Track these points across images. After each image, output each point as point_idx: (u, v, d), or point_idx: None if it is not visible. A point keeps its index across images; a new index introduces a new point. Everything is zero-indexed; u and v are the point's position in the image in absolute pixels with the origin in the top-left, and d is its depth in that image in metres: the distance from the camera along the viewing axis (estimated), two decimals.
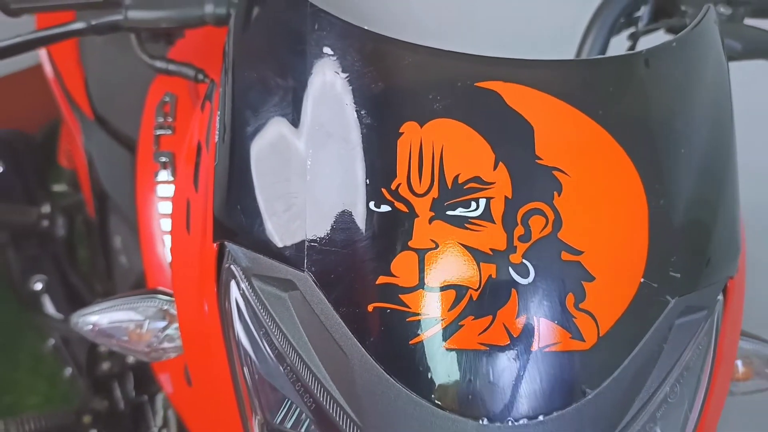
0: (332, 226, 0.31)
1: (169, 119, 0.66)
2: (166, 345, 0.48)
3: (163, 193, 0.62)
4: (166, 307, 0.47)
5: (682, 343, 0.33)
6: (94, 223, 1.34)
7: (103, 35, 0.54)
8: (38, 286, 1.29)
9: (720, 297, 0.35)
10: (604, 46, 0.55)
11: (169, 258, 0.60)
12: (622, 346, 0.30)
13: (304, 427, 0.32)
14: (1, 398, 1.46)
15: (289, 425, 0.33)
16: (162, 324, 0.47)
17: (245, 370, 0.34)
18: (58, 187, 1.52)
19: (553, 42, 0.61)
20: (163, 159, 0.63)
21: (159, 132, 0.65)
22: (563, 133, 0.31)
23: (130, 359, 1.00)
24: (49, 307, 1.29)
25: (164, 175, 0.63)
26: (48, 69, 1.22)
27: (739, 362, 0.48)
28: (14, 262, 1.33)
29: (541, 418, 0.28)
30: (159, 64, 0.56)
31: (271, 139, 0.33)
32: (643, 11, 0.55)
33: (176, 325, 0.47)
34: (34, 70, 1.99)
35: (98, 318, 0.47)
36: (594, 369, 0.29)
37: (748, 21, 0.58)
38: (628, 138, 0.31)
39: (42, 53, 1.24)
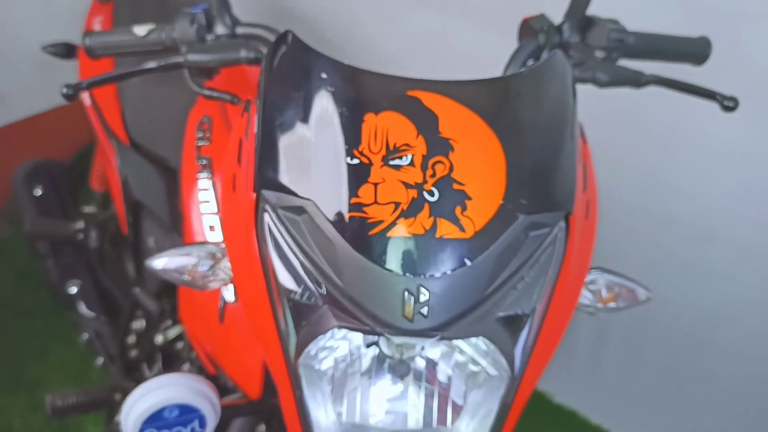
0: (326, 172, 0.53)
1: (207, 134, 0.89)
2: (212, 278, 0.69)
3: (203, 186, 0.84)
4: (213, 251, 0.68)
5: (534, 246, 0.54)
6: (120, 237, 1.54)
7: (167, 72, 0.76)
8: (73, 290, 1.49)
9: (562, 224, 0.57)
10: None
11: (205, 228, 0.82)
12: (489, 238, 0.51)
13: (313, 295, 0.54)
14: (33, 394, 1.64)
15: (303, 297, 0.54)
16: (210, 263, 0.68)
17: (276, 268, 0.56)
18: (89, 209, 1.73)
19: None
20: (204, 162, 0.86)
21: (200, 143, 0.88)
22: (456, 120, 0.53)
23: (158, 341, 1.19)
24: (82, 307, 1.48)
25: (204, 174, 0.85)
26: (87, 102, 1.44)
27: (604, 288, 0.70)
28: (53, 269, 1.53)
29: (438, 274, 0.50)
30: (206, 92, 0.79)
31: (291, 126, 0.56)
32: (544, 54, 0.79)
33: (220, 264, 0.69)
34: (63, 109, 2.25)
35: (166, 261, 0.68)
36: (472, 249, 0.51)
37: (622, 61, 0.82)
38: (495, 123, 0.54)
39: None
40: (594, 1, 0.76)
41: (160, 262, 0.68)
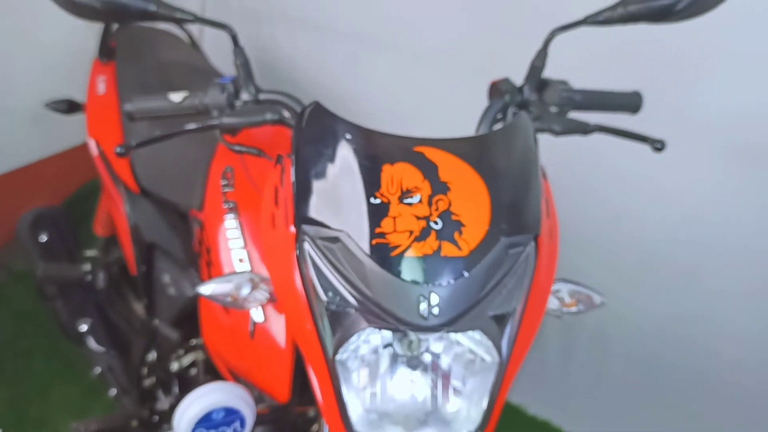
0: (355, 210, 0.69)
1: (231, 181, 1.05)
2: (251, 299, 0.84)
3: (230, 225, 1.00)
4: (252, 278, 0.83)
5: (513, 261, 0.71)
6: (127, 277, 1.66)
7: (204, 132, 0.91)
8: (83, 328, 1.60)
9: (532, 243, 0.74)
10: (490, 129, 0.96)
11: (234, 260, 0.97)
12: (480, 255, 0.67)
13: (348, 304, 0.69)
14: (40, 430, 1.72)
15: (339, 307, 0.69)
16: (250, 288, 0.83)
17: (316, 285, 0.71)
18: (91, 253, 1.84)
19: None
20: (231, 205, 1.01)
21: (225, 189, 1.04)
22: (451, 168, 0.71)
23: (174, 368, 1.31)
24: (93, 343, 1.59)
25: (231, 215, 1.00)
26: (94, 152, 1.57)
27: (567, 295, 0.87)
28: (63, 310, 1.64)
29: (444, 283, 0.66)
30: (236, 147, 0.95)
31: (323, 175, 0.72)
32: (510, 110, 0.97)
33: (258, 289, 0.84)
34: (54, 158, 2.37)
35: (213, 287, 0.83)
36: (468, 264, 0.67)
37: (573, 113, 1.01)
38: (480, 169, 0.71)
39: (91, 142, 1.60)
40: (548, 66, 0.96)
41: (208, 289, 0.82)
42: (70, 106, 1.75)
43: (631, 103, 0.99)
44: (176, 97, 0.93)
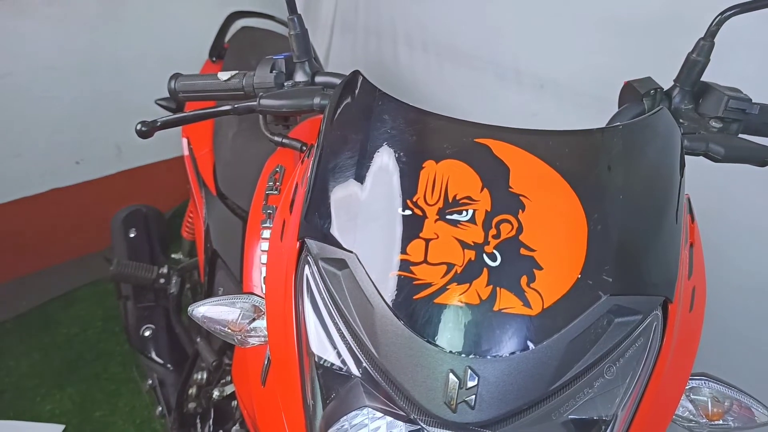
0: (374, 223, 0.46)
1: (278, 183, 0.86)
2: (252, 334, 0.63)
3: (266, 235, 0.80)
4: (257, 304, 0.63)
5: (619, 336, 0.44)
6: (200, 287, 1.54)
7: (240, 115, 0.74)
8: (147, 333, 1.49)
9: (658, 314, 0.46)
10: None
11: (261, 280, 0.77)
12: (561, 319, 0.42)
13: (346, 364, 0.46)
14: None
15: (334, 365, 0.46)
16: (251, 317, 0.63)
17: (309, 329, 0.49)
18: (176, 255, 1.77)
19: None
20: (269, 211, 0.82)
21: (269, 192, 0.85)
22: (529, 174, 0.45)
23: (214, 398, 1.14)
24: (152, 352, 1.48)
25: (268, 222, 0.81)
26: (186, 152, 1.49)
27: (710, 402, 0.56)
28: (131, 311, 1.55)
29: (492, 356, 0.41)
30: (276, 138, 0.76)
31: (344, 171, 0.50)
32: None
33: (262, 319, 0.63)
34: (170, 162, 2.36)
35: (207, 309, 0.64)
36: (538, 330, 0.41)
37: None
38: (578, 182, 0.45)
39: (183, 141, 1.52)
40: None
41: (200, 310, 0.63)
42: (178, 106, 1.71)
43: None
44: (224, 75, 0.79)
